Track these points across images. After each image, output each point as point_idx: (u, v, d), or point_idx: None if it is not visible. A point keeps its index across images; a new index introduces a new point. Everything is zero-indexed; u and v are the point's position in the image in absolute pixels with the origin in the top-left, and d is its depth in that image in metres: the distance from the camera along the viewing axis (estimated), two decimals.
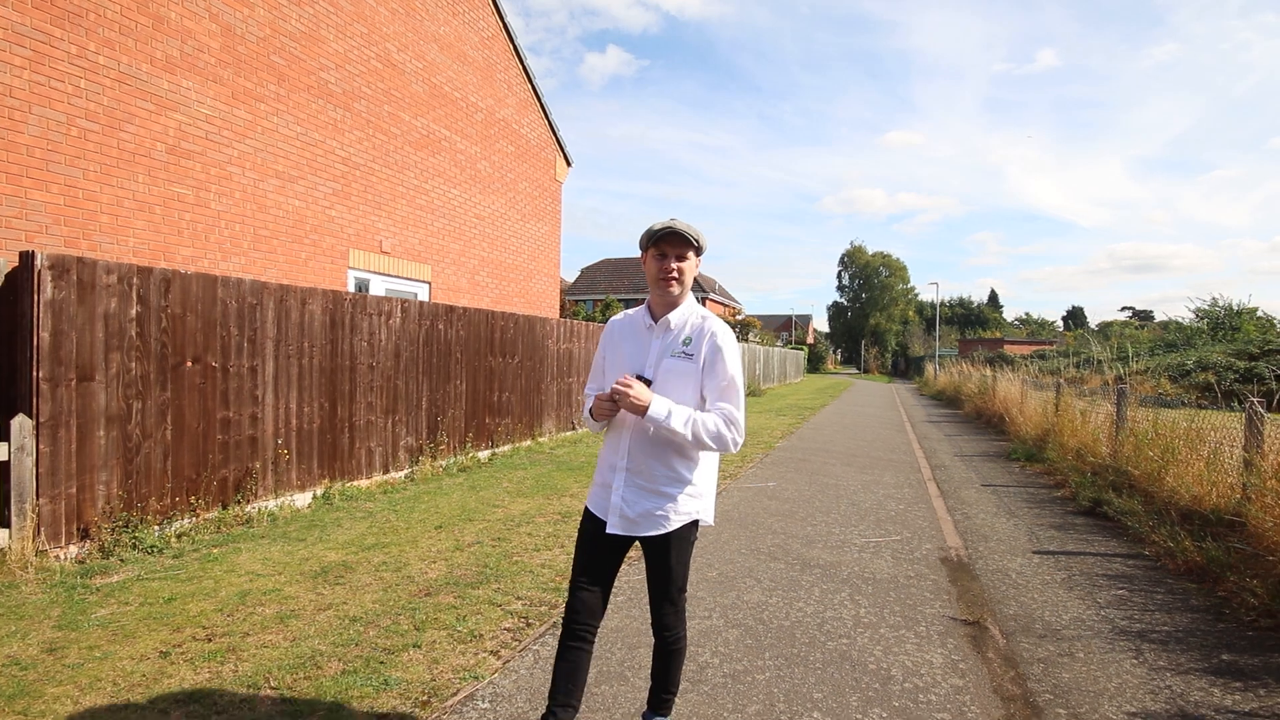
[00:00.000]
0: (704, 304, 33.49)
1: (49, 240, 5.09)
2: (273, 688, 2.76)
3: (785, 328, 67.27)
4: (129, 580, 4.01)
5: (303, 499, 6.07)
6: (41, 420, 4.24)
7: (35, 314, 4.21)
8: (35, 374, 4.21)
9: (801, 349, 45.48)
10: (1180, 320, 32.91)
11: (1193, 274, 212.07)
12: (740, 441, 2.07)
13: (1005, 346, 44.44)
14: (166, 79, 5.92)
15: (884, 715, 2.68)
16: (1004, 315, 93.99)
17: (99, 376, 4.53)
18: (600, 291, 38.17)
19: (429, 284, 9.45)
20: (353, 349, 6.59)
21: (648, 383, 2.08)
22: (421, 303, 7.54)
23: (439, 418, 7.82)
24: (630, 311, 2.30)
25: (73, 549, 4.39)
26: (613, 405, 2.04)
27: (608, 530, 2.10)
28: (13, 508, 4.13)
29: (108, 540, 4.52)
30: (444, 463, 7.81)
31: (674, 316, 2.15)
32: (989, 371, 18.37)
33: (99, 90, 5.41)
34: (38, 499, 4.23)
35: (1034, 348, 42.57)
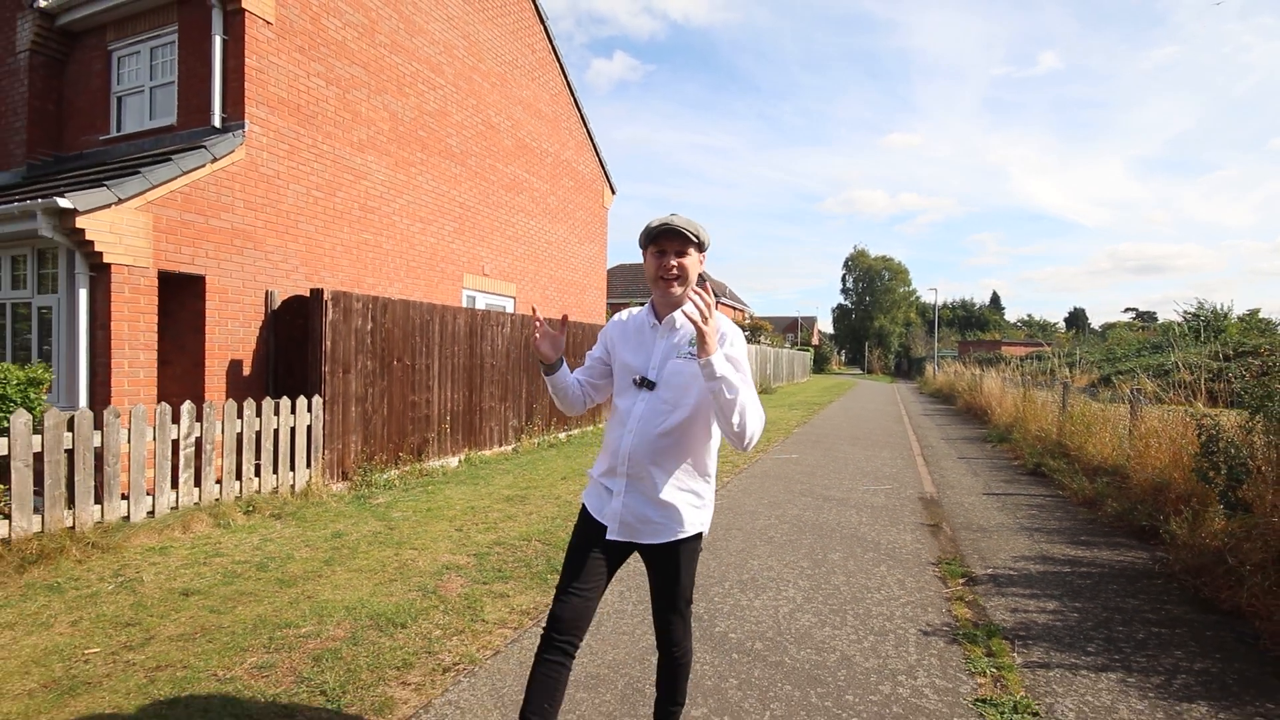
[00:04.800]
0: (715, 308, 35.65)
1: (299, 276, 7.30)
2: (536, 540, 4.96)
3: (791, 329, 69.31)
4: (390, 502, 6.21)
5: (453, 462, 8.28)
6: (325, 399, 6.46)
7: (323, 329, 6.42)
8: (323, 368, 6.43)
9: (807, 350, 47.59)
10: (1174, 323, 34.95)
11: (1195, 274, 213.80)
12: (759, 432, 1.90)
13: (1003, 348, 46.42)
14: (359, 156, 8.14)
15: (875, 555, 4.87)
16: (1005, 317, 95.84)
17: (352, 370, 6.75)
18: (618, 295, 40.31)
19: (514, 298, 11.67)
20: (481, 351, 8.79)
21: (651, 385, 2.00)
22: (522, 315, 9.75)
23: (534, 405, 10.02)
24: (633, 311, 2.18)
25: (338, 485, 6.61)
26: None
27: (607, 536, 2.01)
28: (312, 455, 6.36)
29: (357, 480, 6.74)
30: (537, 440, 10.01)
31: (680, 317, 2.03)
32: (978, 370, 20.50)
33: (323, 169, 7.63)
34: (323, 450, 6.45)
35: (1030, 349, 44.53)
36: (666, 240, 1.97)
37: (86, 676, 2.85)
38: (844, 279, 73.38)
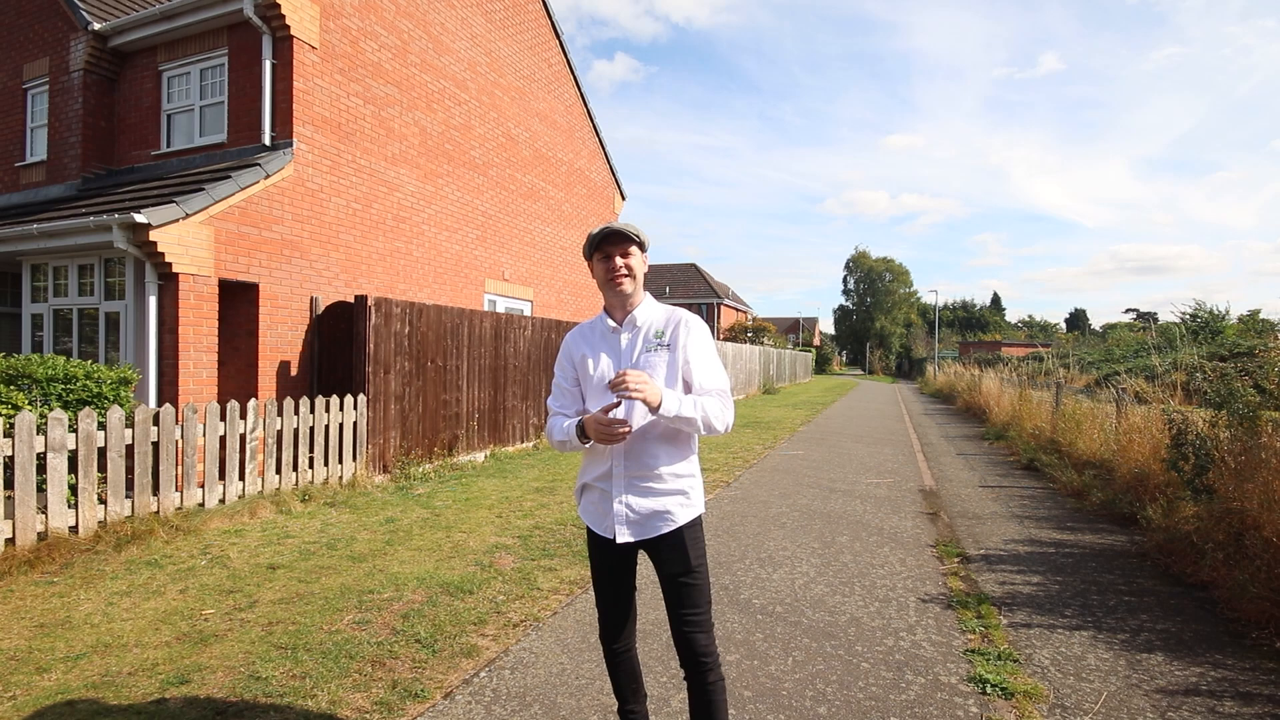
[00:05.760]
0: (719, 310, 35.78)
1: (339, 283, 7.81)
2: (571, 525, 5.47)
3: (793, 330, 69.76)
4: (430, 492, 6.72)
5: (479, 457, 8.78)
6: (369, 397, 6.98)
7: (367, 332, 6.93)
8: (366, 369, 6.95)
9: (809, 351, 48.08)
10: (1173, 324, 35.42)
11: (1197, 275, 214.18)
12: (732, 419, 2.02)
13: (1003, 349, 46.86)
14: (392, 170, 8.65)
15: (879, 539, 5.37)
16: (1006, 317, 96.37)
17: (392, 371, 7.26)
18: None
19: (531, 302, 12.18)
20: (505, 353, 9.31)
21: None
22: (542, 319, 10.26)
23: None
24: (587, 322, 2.23)
25: (380, 477, 7.11)
26: (607, 430, 1.87)
27: (618, 541, 2.03)
28: (356, 449, 6.87)
29: (396, 473, 7.25)
30: None
31: (639, 314, 2.10)
32: (977, 371, 20.99)
33: (360, 182, 8.15)
34: (367, 445, 6.96)
35: (1029, 350, 44.95)
36: (610, 244, 2.05)
37: (211, 631, 3.36)
38: (845, 280, 73.85)
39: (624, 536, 2.03)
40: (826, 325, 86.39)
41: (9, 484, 4.34)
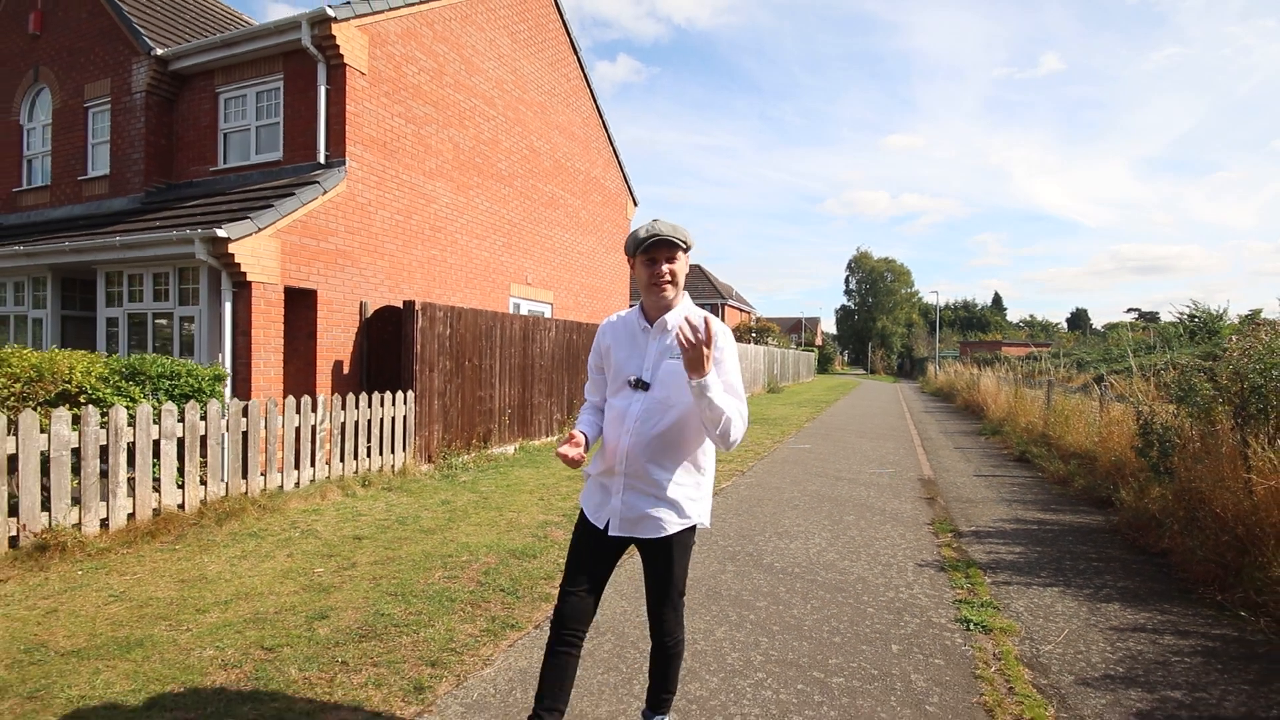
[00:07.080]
0: (723, 310, 36.43)
1: (384, 289, 8.50)
2: None
3: (795, 329, 70.34)
4: (472, 479, 7.40)
5: (510, 449, 9.46)
6: (416, 393, 7.66)
7: (415, 334, 7.62)
8: (415, 368, 7.63)
9: (811, 350, 48.74)
10: (1170, 324, 36.01)
11: (1198, 275, 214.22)
12: (742, 434, 2.03)
13: (1003, 349, 47.45)
14: (429, 183, 9.34)
15: (881, 518, 6.04)
16: (1007, 317, 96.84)
17: (435, 369, 7.95)
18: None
19: (551, 304, 12.86)
20: (532, 353, 9.99)
21: (645, 386, 2.08)
22: (564, 321, 10.94)
23: (573, 400, 11.21)
24: (622, 314, 2.26)
25: (425, 466, 7.80)
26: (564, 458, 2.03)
27: (610, 533, 2.12)
28: (405, 440, 7.55)
29: (440, 463, 7.93)
30: None
31: (671, 318, 2.11)
32: (976, 370, 21.64)
33: (402, 195, 8.84)
34: (414, 436, 7.65)
35: (1028, 349, 45.52)
36: (656, 249, 2.06)
37: (327, 584, 4.04)
38: (847, 280, 74.48)
39: (615, 530, 2.12)
40: (828, 325, 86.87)
41: (130, 468, 5.02)
